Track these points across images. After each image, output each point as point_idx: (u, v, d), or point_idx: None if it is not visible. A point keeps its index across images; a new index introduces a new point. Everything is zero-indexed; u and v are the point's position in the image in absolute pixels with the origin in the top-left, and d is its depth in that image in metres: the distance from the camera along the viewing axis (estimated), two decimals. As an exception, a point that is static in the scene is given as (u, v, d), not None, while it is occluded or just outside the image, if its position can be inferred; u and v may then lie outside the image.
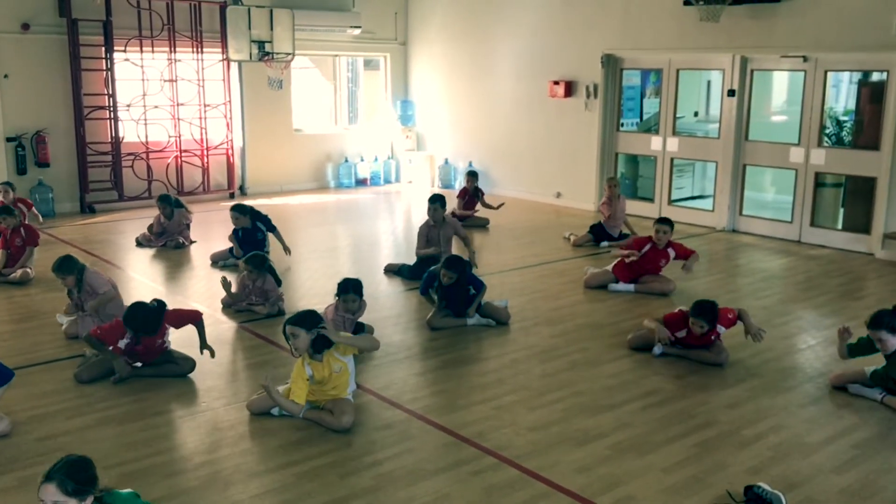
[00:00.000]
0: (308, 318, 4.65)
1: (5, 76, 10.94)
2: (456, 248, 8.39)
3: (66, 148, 11.52)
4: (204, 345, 5.61)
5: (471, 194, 11.02)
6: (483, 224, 10.69)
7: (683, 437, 4.63)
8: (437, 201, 8.25)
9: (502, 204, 10.98)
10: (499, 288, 7.60)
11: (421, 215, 11.82)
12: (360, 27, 13.69)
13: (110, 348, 5.34)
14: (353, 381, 4.85)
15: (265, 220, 8.66)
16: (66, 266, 6.19)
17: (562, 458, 4.35)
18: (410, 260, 8.48)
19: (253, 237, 8.47)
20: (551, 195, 12.60)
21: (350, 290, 5.86)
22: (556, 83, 12.10)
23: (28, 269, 7.89)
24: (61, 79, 11.32)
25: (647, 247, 7.55)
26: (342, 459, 4.31)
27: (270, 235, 8.68)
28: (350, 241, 10.31)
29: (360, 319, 6.12)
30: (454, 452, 4.42)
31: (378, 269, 8.56)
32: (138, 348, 5.39)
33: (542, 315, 6.94)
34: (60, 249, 9.17)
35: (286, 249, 8.68)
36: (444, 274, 6.38)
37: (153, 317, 5.37)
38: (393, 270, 8.37)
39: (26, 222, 8.41)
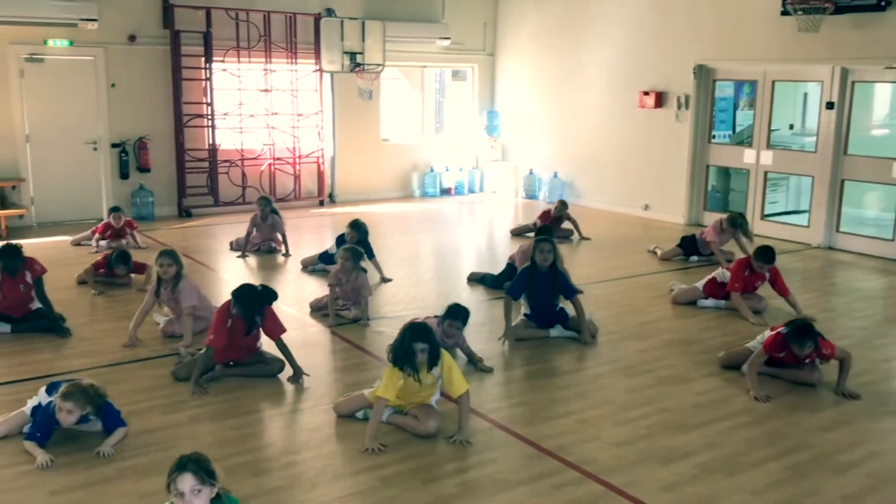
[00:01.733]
0: (431, 334, 4.65)
1: (112, 85, 11.50)
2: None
3: (166, 154, 12.00)
4: (295, 370, 5.61)
5: (554, 219, 10.65)
6: (567, 235, 10.59)
7: (775, 459, 4.49)
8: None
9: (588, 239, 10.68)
10: (582, 300, 7.52)
11: (504, 225, 11.87)
12: (449, 38, 13.83)
13: (202, 351, 5.56)
14: (438, 392, 4.88)
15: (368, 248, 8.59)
16: (173, 256, 6.35)
17: (647, 476, 4.27)
18: (494, 269, 8.49)
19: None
20: (638, 207, 12.41)
21: (460, 318, 5.79)
22: (647, 94, 11.93)
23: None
24: (163, 88, 11.81)
25: (746, 271, 7.27)
26: (425, 466, 4.34)
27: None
28: (434, 249, 10.40)
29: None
30: (537, 464, 4.41)
31: (461, 277, 8.60)
32: (233, 355, 5.58)
33: (627, 329, 6.84)
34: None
35: (384, 279, 8.48)
36: (540, 253, 6.21)
37: (258, 300, 5.50)
38: (476, 279, 8.40)
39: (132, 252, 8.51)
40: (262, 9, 12.19)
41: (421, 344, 4.55)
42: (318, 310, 7.20)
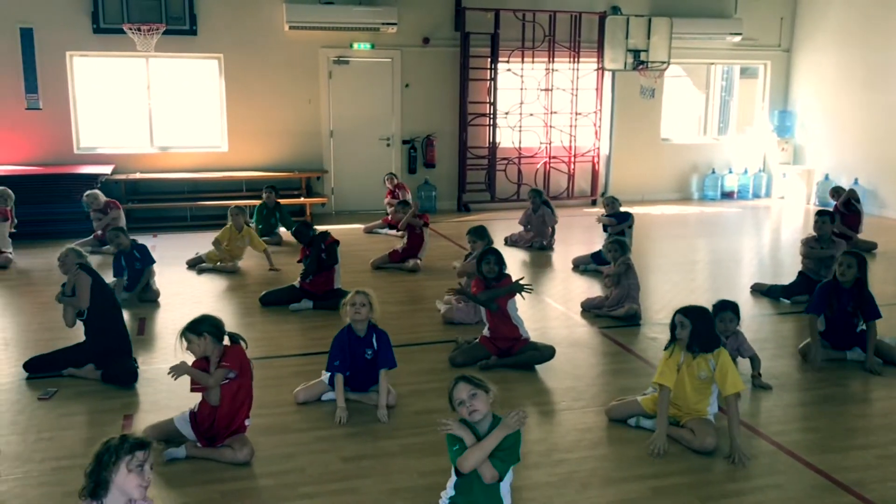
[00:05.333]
0: (702, 314, 4.57)
1: (406, 85, 12.30)
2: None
3: (450, 151, 12.61)
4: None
5: (844, 202, 9.85)
6: (870, 249, 9.56)
7: None
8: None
9: None
10: (889, 322, 6.74)
11: (793, 233, 10.99)
12: (740, 34, 13.08)
13: (477, 340, 5.85)
14: (715, 402, 4.62)
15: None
16: (483, 232, 6.86)
17: (967, 530, 3.73)
18: (780, 280, 7.89)
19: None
20: (958, 222, 10.92)
21: (728, 309, 5.49)
22: (977, 92, 10.43)
23: (418, 261, 8.72)
24: (451, 88, 12.41)
25: None
26: (702, 482, 4.13)
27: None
28: (711, 255, 9.91)
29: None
30: (828, 497, 4.01)
31: (742, 288, 8.10)
32: (503, 344, 5.74)
33: (941, 359, 6.02)
34: (441, 243, 10.08)
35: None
36: (840, 266, 5.79)
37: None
38: (761, 290, 7.85)
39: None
40: (549, 9, 12.36)
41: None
42: (590, 309, 7.16)
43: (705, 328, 4.50)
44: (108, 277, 7.83)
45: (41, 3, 10.77)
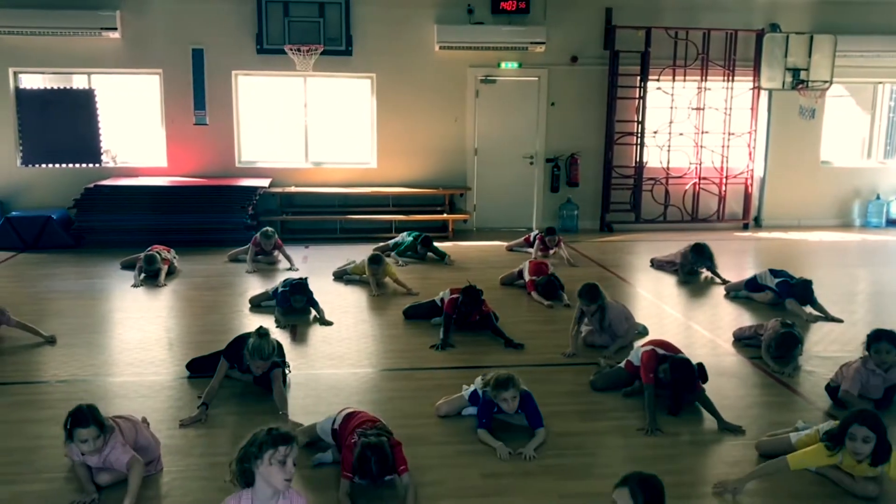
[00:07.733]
0: (883, 426, 3.98)
1: (552, 104, 12.28)
2: None
3: (594, 170, 12.47)
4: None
5: None
6: None
7: None
8: None
9: None
10: None
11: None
12: (914, 51, 12.25)
13: (621, 365, 5.69)
14: None
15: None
16: (592, 294, 6.43)
17: None
18: (957, 318, 7.28)
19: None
20: None
21: (884, 339, 5.20)
22: None
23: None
24: (598, 106, 12.28)
25: None
26: (863, 530, 3.86)
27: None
28: (874, 287, 9.27)
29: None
30: None
31: (912, 323, 7.52)
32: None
33: None
34: (583, 265, 9.96)
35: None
36: None
37: None
38: (933, 327, 7.26)
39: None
40: (703, 26, 12.03)
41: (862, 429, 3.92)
42: (741, 339, 6.85)
43: (887, 440, 3.99)
44: (252, 289, 8.30)
45: (212, 25, 11.54)
